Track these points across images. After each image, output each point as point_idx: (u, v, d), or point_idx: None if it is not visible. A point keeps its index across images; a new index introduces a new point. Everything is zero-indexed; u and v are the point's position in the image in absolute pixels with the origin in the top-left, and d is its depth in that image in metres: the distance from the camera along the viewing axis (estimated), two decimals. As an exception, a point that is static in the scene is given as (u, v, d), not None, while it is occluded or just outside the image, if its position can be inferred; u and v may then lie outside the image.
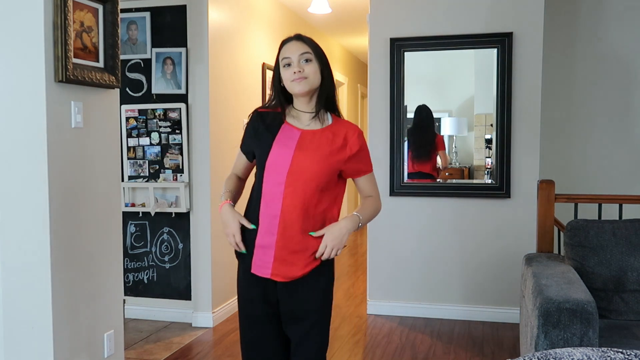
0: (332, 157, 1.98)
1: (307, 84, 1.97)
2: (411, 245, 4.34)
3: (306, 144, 1.98)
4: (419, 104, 4.33)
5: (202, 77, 4.01)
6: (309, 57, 1.98)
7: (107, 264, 2.83)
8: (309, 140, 1.99)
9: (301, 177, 1.94)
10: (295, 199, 1.93)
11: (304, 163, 1.95)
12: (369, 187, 2.15)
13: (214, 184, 4.09)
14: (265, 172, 1.97)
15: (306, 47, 1.99)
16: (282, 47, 2.02)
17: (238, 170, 2.19)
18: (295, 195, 1.93)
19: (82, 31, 2.58)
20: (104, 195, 2.79)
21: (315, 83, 1.99)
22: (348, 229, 1.99)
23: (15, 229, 2.49)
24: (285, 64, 1.99)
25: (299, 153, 1.96)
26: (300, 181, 1.94)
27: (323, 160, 1.97)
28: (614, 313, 2.80)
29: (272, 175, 1.96)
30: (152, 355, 3.57)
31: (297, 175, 1.94)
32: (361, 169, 2.09)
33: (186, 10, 4.02)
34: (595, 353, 1.14)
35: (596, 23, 4.65)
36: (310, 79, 1.97)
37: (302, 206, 1.93)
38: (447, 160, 4.37)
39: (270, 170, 1.97)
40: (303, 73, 1.96)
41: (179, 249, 4.18)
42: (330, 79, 2.04)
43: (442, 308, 4.30)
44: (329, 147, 1.99)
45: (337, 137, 2.01)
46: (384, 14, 4.32)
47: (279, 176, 1.95)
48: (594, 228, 2.91)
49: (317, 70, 1.98)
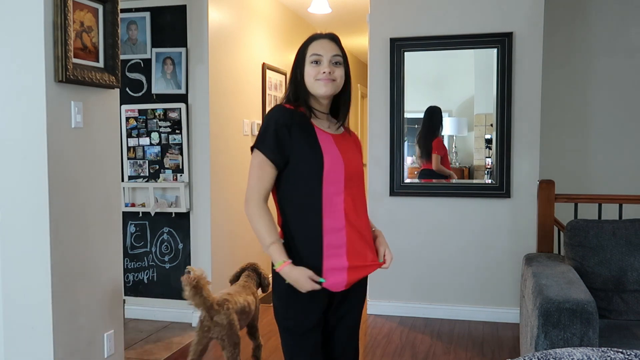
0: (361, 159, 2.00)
1: (334, 87, 1.87)
2: (411, 245, 4.34)
3: (344, 148, 1.88)
4: (431, 105, 4.32)
5: (202, 77, 4.01)
6: (340, 60, 1.88)
7: (107, 264, 2.83)
8: (344, 144, 1.90)
9: (354, 183, 1.85)
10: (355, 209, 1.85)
11: (353, 167, 1.85)
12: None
13: (214, 184, 4.09)
14: (324, 181, 1.79)
15: (339, 49, 1.89)
16: (311, 42, 1.90)
17: (267, 190, 1.84)
18: (355, 205, 1.85)
19: (82, 31, 2.58)
20: (104, 195, 2.79)
21: (340, 88, 1.91)
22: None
23: (15, 229, 2.49)
24: (313, 60, 1.87)
25: (345, 157, 1.84)
26: (354, 188, 1.85)
27: (361, 163, 1.96)
28: (614, 313, 2.80)
29: (331, 184, 1.80)
30: (152, 355, 3.57)
31: (351, 182, 1.84)
32: None
33: (186, 10, 4.02)
34: (595, 353, 1.14)
35: (596, 23, 4.66)
36: (337, 82, 1.88)
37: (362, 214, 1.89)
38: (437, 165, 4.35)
39: (329, 179, 1.79)
40: (332, 75, 1.86)
41: (179, 249, 4.18)
42: (350, 85, 1.96)
43: (442, 308, 4.30)
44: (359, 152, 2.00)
45: (355, 144, 2.00)
46: (384, 14, 4.32)
47: (338, 185, 1.80)
48: (594, 228, 2.91)
49: (343, 75, 1.90)
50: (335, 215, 1.80)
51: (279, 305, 1.91)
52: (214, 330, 2.90)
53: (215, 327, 2.89)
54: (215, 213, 4.11)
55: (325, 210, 1.79)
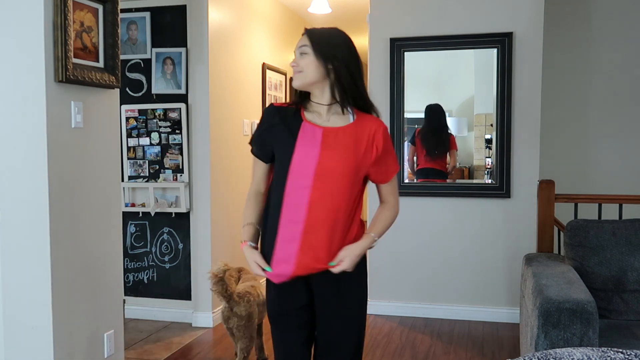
0: (359, 157, 1.87)
1: (301, 78, 1.88)
2: (411, 245, 4.34)
3: (331, 142, 1.85)
4: (430, 103, 4.31)
5: (202, 77, 4.01)
6: (304, 51, 1.87)
7: (107, 264, 2.83)
8: (333, 138, 1.86)
9: (329, 179, 1.82)
10: (323, 205, 1.82)
11: (331, 163, 1.82)
12: (388, 191, 2.00)
13: (214, 184, 4.09)
14: (289, 174, 1.84)
15: (306, 40, 1.88)
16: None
17: (259, 182, 1.99)
18: (323, 201, 1.82)
19: (82, 31, 2.58)
20: (104, 195, 2.79)
21: (311, 77, 1.87)
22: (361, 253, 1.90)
23: (15, 229, 2.49)
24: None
25: (325, 152, 1.83)
26: (328, 184, 1.82)
27: (351, 160, 1.85)
28: (614, 313, 2.80)
29: (296, 178, 1.83)
30: (152, 355, 3.57)
31: (324, 177, 1.82)
32: (388, 171, 1.96)
33: (186, 10, 4.02)
34: (595, 353, 1.14)
35: (596, 23, 4.66)
36: (305, 73, 1.87)
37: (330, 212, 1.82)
38: (456, 161, 4.37)
39: (295, 173, 1.83)
40: (297, 67, 1.88)
41: (179, 249, 4.17)
42: (344, 71, 1.86)
43: (442, 308, 4.30)
44: (355, 147, 1.86)
45: (362, 136, 1.88)
46: (384, 14, 4.32)
47: (305, 179, 1.82)
48: (594, 228, 2.91)
49: (311, 63, 1.86)
50: (295, 209, 1.83)
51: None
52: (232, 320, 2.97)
53: (234, 317, 2.96)
54: (215, 213, 4.12)
55: (285, 202, 1.84)
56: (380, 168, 1.94)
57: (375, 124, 1.93)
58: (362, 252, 1.91)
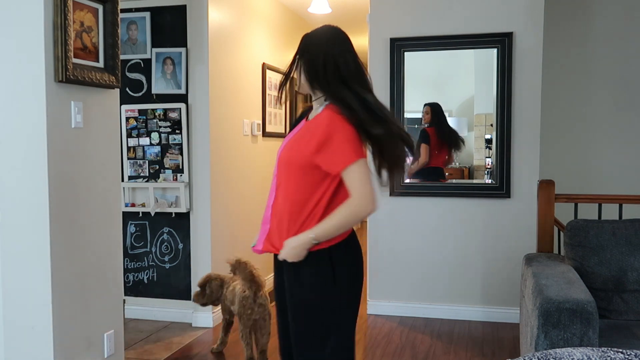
0: (302, 146, 1.90)
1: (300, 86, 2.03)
2: (411, 245, 4.34)
3: (293, 134, 2.02)
4: (429, 102, 4.31)
5: (202, 77, 4.01)
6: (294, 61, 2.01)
7: (107, 264, 2.83)
8: (296, 130, 2.03)
9: (284, 169, 1.98)
10: (279, 193, 1.98)
11: (284, 153, 1.99)
12: (347, 184, 1.89)
13: (214, 184, 4.09)
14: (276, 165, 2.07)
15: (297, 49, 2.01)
16: None
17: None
18: (280, 189, 1.99)
19: (82, 31, 2.58)
20: (104, 195, 2.79)
21: (303, 86, 2.01)
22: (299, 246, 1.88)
23: (15, 229, 2.49)
24: None
25: (286, 144, 2.02)
26: (284, 174, 1.98)
27: (294, 149, 1.94)
28: (614, 313, 2.80)
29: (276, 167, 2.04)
30: (152, 355, 3.56)
31: (281, 167, 1.99)
32: (336, 160, 1.85)
33: (186, 10, 4.02)
34: (595, 353, 1.14)
35: (596, 22, 4.66)
36: (300, 81, 2.01)
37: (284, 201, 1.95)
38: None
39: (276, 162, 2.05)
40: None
41: (179, 249, 4.17)
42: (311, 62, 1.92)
43: (442, 308, 4.30)
44: (301, 137, 1.93)
45: (311, 126, 1.93)
46: (384, 14, 4.32)
47: (275, 169, 2.04)
48: (594, 228, 2.91)
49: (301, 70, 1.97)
50: (270, 195, 2.04)
51: None
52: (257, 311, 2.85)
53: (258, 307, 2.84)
54: (215, 213, 4.11)
55: (270, 189, 2.06)
56: (326, 156, 1.86)
57: (323, 113, 1.91)
58: (298, 245, 1.88)
